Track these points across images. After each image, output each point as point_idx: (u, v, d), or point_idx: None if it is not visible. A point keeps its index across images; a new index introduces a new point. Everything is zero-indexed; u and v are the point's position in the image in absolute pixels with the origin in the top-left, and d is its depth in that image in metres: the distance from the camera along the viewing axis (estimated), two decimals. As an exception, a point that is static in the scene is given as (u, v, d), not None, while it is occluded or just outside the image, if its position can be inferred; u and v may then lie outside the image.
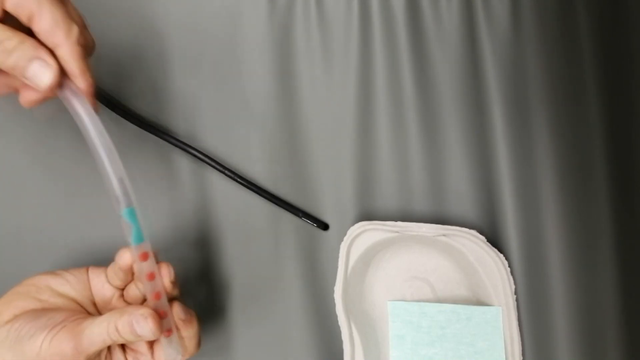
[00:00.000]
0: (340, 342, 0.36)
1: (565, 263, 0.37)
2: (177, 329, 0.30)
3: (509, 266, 0.36)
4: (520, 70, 0.40)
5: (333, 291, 0.36)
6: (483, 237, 0.36)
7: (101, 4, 0.43)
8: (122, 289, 0.32)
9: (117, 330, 0.29)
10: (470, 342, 0.35)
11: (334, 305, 0.36)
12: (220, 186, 0.40)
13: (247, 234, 0.39)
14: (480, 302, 0.36)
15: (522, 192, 0.38)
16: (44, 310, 0.30)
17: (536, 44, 0.40)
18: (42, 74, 0.26)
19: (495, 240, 0.38)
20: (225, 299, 0.38)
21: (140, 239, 0.29)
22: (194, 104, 0.41)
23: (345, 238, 0.36)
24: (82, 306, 0.31)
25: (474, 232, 0.36)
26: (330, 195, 0.39)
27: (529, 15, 0.40)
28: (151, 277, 0.29)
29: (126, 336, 0.29)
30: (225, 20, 0.42)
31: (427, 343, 0.35)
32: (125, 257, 0.30)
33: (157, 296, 0.30)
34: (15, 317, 0.29)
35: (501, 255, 0.36)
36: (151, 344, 0.31)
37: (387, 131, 0.40)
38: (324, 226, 0.39)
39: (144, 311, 0.29)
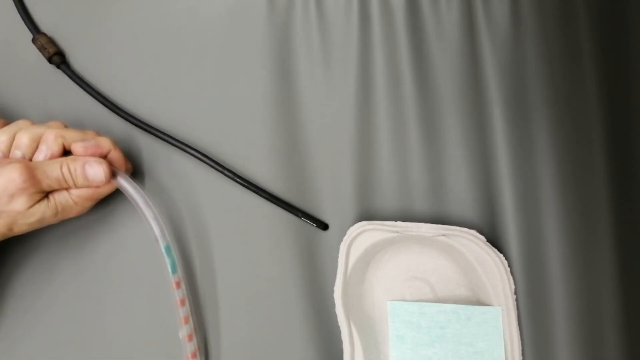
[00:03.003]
0: (340, 342, 0.36)
1: (565, 263, 0.37)
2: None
3: (509, 266, 0.36)
4: (520, 70, 0.40)
5: (333, 291, 0.36)
6: (483, 237, 0.36)
7: (102, 4, 0.43)
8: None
9: (69, 170, 0.33)
10: (470, 342, 0.35)
11: (334, 305, 0.36)
12: (220, 186, 0.40)
13: (247, 233, 0.39)
14: (480, 302, 0.36)
15: (522, 192, 0.38)
16: None
17: (536, 44, 0.40)
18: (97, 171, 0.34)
19: (495, 240, 0.38)
20: (225, 298, 0.38)
21: (175, 270, 0.35)
22: (194, 104, 0.41)
23: (345, 238, 0.36)
24: None
25: (473, 232, 0.36)
26: (330, 195, 0.39)
27: (529, 15, 0.40)
28: (182, 302, 0.35)
29: (78, 177, 0.33)
30: (225, 20, 0.42)
31: (427, 343, 0.35)
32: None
33: (186, 320, 0.35)
34: None
35: (501, 255, 0.36)
36: None
37: (387, 131, 0.40)
38: (324, 226, 0.39)
39: (99, 159, 0.34)
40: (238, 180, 0.39)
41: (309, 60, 0.41)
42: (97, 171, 0.34)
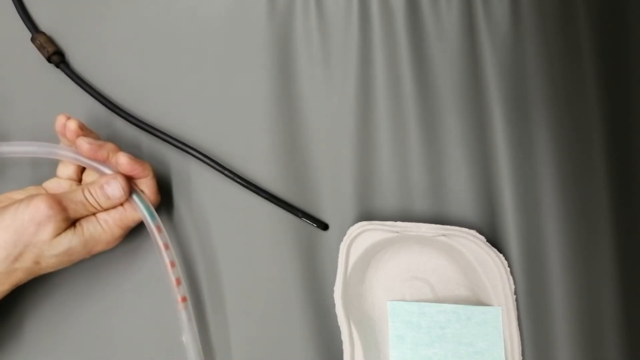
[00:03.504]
0: (340, 342, 0.36)
1: (565, 263, 0.37)
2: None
3: (509, 266, 0.36)
4: (520, 70, 0.40)
5: (333, 291, 0.36)
6: (483, 237, 0.36)
7: (101, 3, 0.43)
8: (77, 181, 0.36)
9: (90, 192, 0.33)
10: (470, 342, 0.35)
11: (333, 305, 0.36)
12: (220, 186, 0.40)
13: (247, 234, 0.39)
14: (480, 302, 0.36)
15: (522, 192, 0.38)
16: (12, 202, 0.32)
17: (536, 43, 0.40)
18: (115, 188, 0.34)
19: (495, 240, 0.38)
20: (225, 298, 0.38)
21: (153, 216, 0.35)
22: (194, 103, 0.41)
23: (345, 238, 0.36)
24: None
25: (473, 232, 0.36)
26: (330, 195, 0.39)
27: (529, 15, 0.40)
28: (166, 247, 0.35)
29: (99, 198, 0.33)
30: (225, 20, 0.42)
31: (427, 343, 0.35)
32: (61, 120, 0.34)
33: (172, 264, 0.35)
34: None
35: (501, 255, 0.36)
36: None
37: (387, 131, 0.40)
38: (324, 226, 0.39)
39: (113, 174, 0.34)
40: (238, 180, 0.38)
41: (309, 60, 0.41)
42: (114, 187, 0.34)
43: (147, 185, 0.36)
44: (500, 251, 0.36)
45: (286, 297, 0.38)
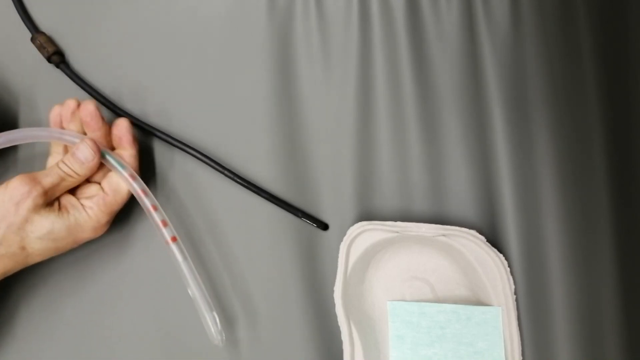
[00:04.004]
0: (340, 342, 0.36)
1: (565, 263, 0.37)
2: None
3: (509, 266, 0.36)
4: (520, 70, 0.40)
5: (333, 291, 0.36)
6: (483, 237, 0.36)
7: (101, 3, 0.43)
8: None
9: (64, 162, 0.34)
10: (470, 342, 0.35)
11: (333, 305, 0.36)
12: (220, 186, 0.40)
13: (247, 234, 0.39)
14: (480, 302, 0.36)
15: (522, 192, 0.38)
16: None
17: (536, 43, 0.40)
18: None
19: (495, 240, 0.38)
20: (225, 298, 0.38)
21: (123, 166, 0.35)
22: (194, 103, 0.41)
23: (345, 238, 0.36)
24: None
25: (473, 232, 0.36)
26: (330, 195, 0.39)
27: (529, 15, 0.40)
28: (155, 208, 0.35)
29: (74, 164, 0.34)
30: (225, 20, 0.42)
31: (427, 343, 0.35)
32: (55, 111, 0.36)
33: (155, 208, 0.35)
34: None
35: (501, 255, 0.36)
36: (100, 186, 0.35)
37: (387, 131, 0.40)
38: (324, 226, 0.39)
39: (82, 139, 0.34)
40: (238, 180, 0.38)
41: (309, 60, 0.41)
42: (83, 149, 0.34)
43: (126, 154, 0.36)
44: (500, 251, 0.36)
45: (286, 297, 0.38)
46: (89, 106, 0.35)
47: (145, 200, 0.35)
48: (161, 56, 0.42)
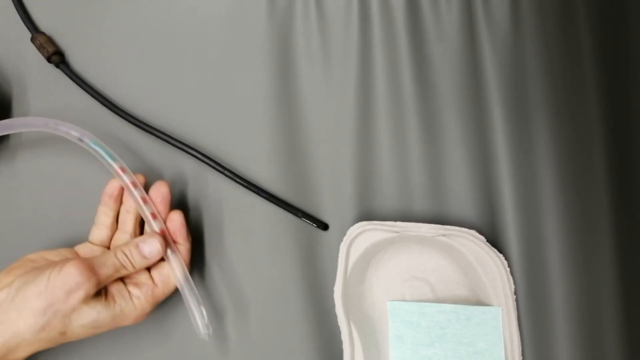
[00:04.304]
0: (340, 342, 0.36)
1: (565, 263, 0.37)
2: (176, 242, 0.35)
3: (509, 266, 0.36)
4: (520, 70, 0.40)
5: (333, 291, 0.36)
6: (483, 237, 0.36)
7: (101, 3, 0.43)
8: (108, 247, 0.36)
9: (124, 254, 0.32)
10: (470, 342, 0.35)
11: (333, 305, 0.36)
12: (220, 186, 0.40)
13: (247, 234, 0.39)
14: (480, 302, 0.36)
15: (522, 192, 0.38)
16: (45, 264, 0.32)
17: (536, 44, 0.40)
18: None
19: (495, 240, 0.38)
20: (225, 298, 0.38)
21: (114, 158, 0.34)
22: (194, 104, 0.41)
23: (345, 238, 0.36)
24: None
25: (473, 232, 0.36)
26: (330, 195, 0.39)
27: (529, 15, 0.40)
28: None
29: (134, 258, 0.32)
30: (225, 20, 0.42)
31: (427, 343, 0.35)
32: (113, 184, 0.35)
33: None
34: (14, 278, 0.30)
35: (501, 255, 0.36)
36: (150, 273, 0.34)
37: (387, 131, 0.40)
38: (324, 226, 0.39)
39: (150, 233, 0.33)
40: (238, 180, 0.38)
41: (309, 60, 0.41)
42: (152, 245, 0.33)
43: (181, 247, 0.35)
44: (500, 251, 0.36)
45: (286, 297, 0.38)
46: (163, 188, 0.35)
47: (135, 192, 0.34)
48: (161, 56, 0.42)
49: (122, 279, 0.33)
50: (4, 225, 0.39)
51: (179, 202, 0.40)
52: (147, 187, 0.35)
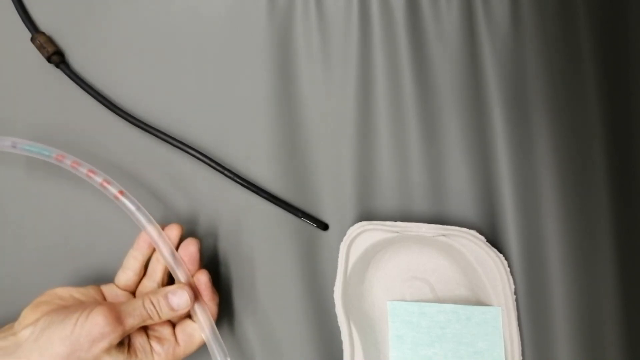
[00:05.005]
0: (340, 342, 0.36)
1: (565, 263, 0.37)
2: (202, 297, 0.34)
3: (509, 266, 0.36)
4: (520, 70, 0.40)
5: (333, 291, 0.36)
6: (483, 237, 0.36)
7: (101, 3, 0.43)
8: (133, 292, 0.35)
9: (152, 304, 0.32)
10: (469, 342, 0.35)
11: (333, 305, 0.36)
12: (220, 186, 0.40)
13: (247, 234, 0.39)
14: (480, 302, 0.36)
15: (522, 192, 0.38)
16: (72, 304, 0.31)
17: (536, 43, 0.40)
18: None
19: (495, 240, 0.38)
20: (225, 298, 0.38)
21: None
22: (194, 103, 0.41)
23: (345, 238, 0.36)
24: None
25: (473, 232, 0.36)
26: (330, 195, 0.39)
27: (529, 15, 0.40)
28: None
29: (162, 309, 0.32)
30: (225, 20, 0.42)
31: (427, 343, 0.35)
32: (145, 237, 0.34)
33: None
34: (41, 315, 0.30)
35: (501, 256, 0.36)
36: (173, 329, 0.34)
37: (387, 131, 0.40)
38: (324, 226, 0.39)
39: (179, 285, 0.33)
40: (238, 180, 0.39)
41: (309, 60, 0.41)
42: (181, 297, 0.32)
43: (207, 306, 0.34)
44: (500, 251, 0.36)
45: (286, 297, 0.38)
46: (192, 247, 0.34)
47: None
48: (161, 56, 0.42)
49: (145, 329, 0.33)
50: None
51: (179, 203, 0.40)
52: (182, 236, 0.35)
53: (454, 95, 0.40)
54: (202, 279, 0.34)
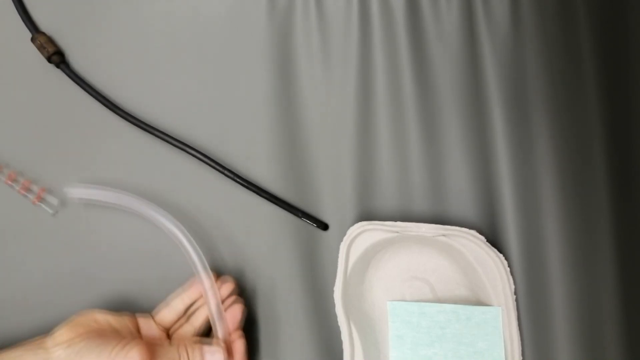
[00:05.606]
0: (340, 342, 0.36)
1: (565, 263, 0.37)
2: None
3: (509, 266, 0.36)
4: (520, 70, 0.40)
5: (333, 291, 0.36)
6: (483, 237, 0.36)
7: (101, 3, 0.43)
8: (167, 332, 0.35)
9: (187, 352, 0.32)
10: (470, 342, 0.35)
11: (333, 305, 0.36)
12: (220, 186, 0.40)
13: (247, 234, 0.39)
14: (480, 302, 0.36)
15: (522, 192, 0.38)
16: (108, 331, 0.31)
17: (536, 43, 0.40)
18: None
19: (495, 240, 0.38)
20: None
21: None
22: (194, 104, 0.41)
23: (345, 238, 0.36)
24: None
25: (473, 232, 0.36)
26: (330, 195, 0.39)
27: (529, 15, 0.40)
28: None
29: None
30: (225, 20, 0.42)
31: (427, 343, 0.35)
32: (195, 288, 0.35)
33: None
34: (77, 336, 0.30)
35: (501, 256, 0.36)
36: None
37: (387, 131, 0.40)
38: (324, 226, 0.39)
39: (218, 346, 0.32)
40: (238, 180, 0.39)
41: (309, 60, 0.41)
42: (217, 357, 0.32)
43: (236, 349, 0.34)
44: (500, 251, 0.36)
45: (286, 297, 0.38)
46: (237, 312, 0.34)
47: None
48: (161, 56, 0.42)
49: None
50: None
51: (179, 203, 0.40)
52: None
53: (454, 95, 0.40)
54: (239, 348, 0.34)
